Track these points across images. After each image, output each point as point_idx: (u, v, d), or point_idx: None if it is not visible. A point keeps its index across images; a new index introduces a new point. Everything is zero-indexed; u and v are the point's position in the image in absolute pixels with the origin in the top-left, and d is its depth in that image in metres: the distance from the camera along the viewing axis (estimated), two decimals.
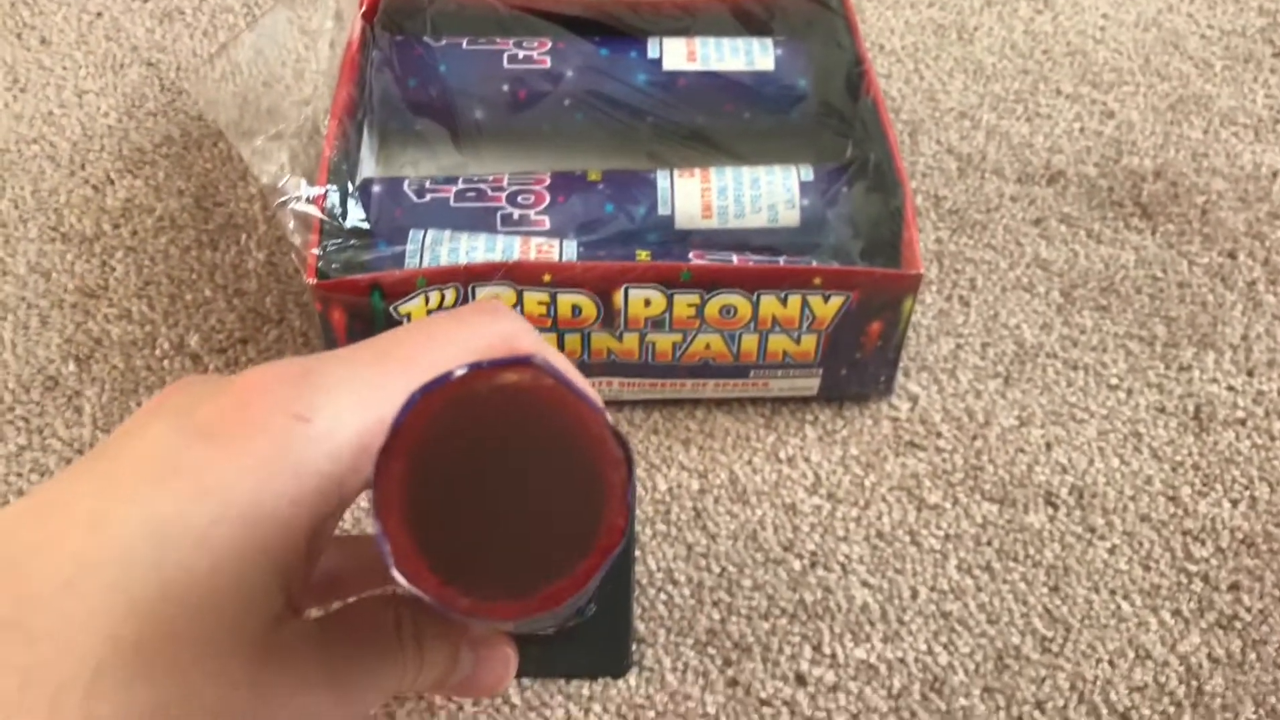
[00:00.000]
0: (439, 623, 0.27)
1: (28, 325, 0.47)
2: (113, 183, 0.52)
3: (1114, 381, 0.47)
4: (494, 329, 0.25)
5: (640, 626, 0.39)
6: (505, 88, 0.50)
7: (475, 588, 0.17)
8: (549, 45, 0.51)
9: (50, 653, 0.19)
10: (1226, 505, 0.44)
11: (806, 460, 0.44)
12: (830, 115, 0.49)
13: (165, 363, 0.46)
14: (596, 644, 0.37)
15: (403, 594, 0.19)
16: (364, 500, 0.34)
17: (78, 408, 0.44)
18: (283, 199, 0.40)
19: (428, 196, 0.45)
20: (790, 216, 0.45)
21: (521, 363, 0.17)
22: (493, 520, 0.18)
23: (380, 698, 0.25)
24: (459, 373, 0.17)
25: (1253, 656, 0.40)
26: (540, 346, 0.26)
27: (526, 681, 0.38)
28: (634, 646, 0.38)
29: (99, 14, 0.60)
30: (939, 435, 0.45)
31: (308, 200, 0.40)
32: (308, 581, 0.23)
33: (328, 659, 0.23)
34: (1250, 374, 0.48)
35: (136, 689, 0.19)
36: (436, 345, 0.24)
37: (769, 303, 0.41)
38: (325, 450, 0.22)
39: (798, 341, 0.43)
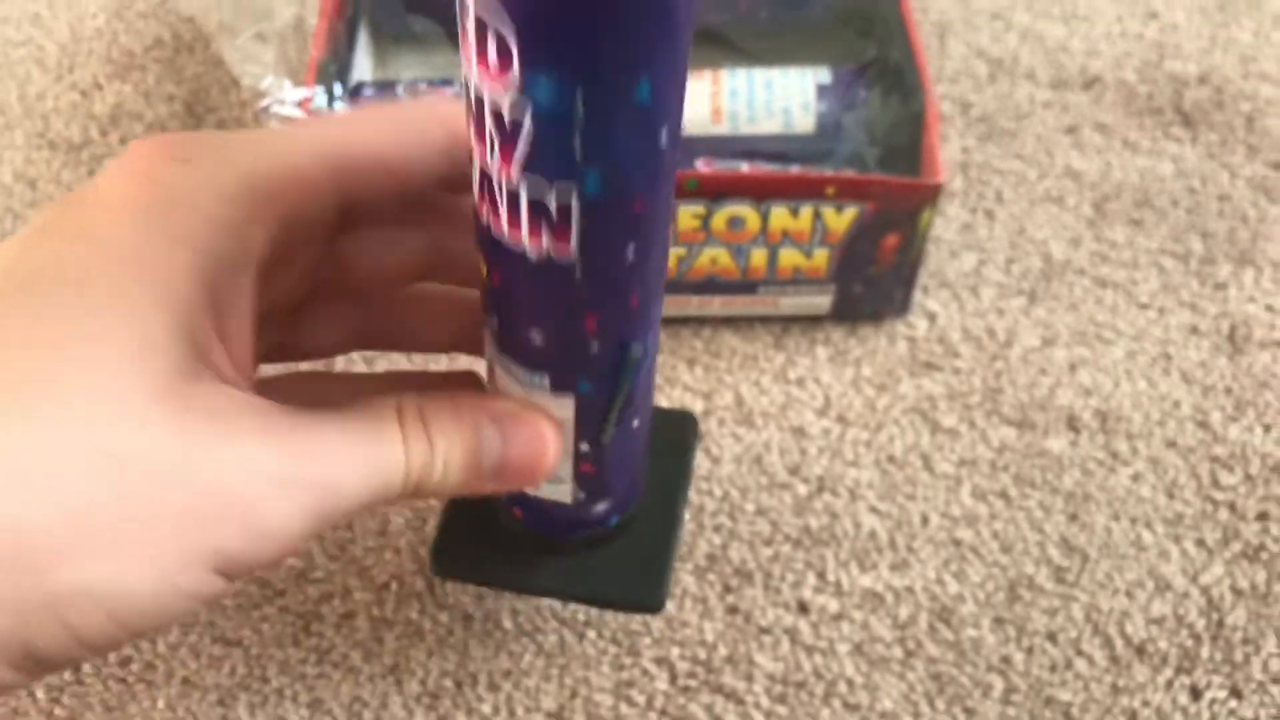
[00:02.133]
0: (450, 406, 0.24)
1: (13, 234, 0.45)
2: (101, 88, 0.50)
3: (1145, 300, 0.45)
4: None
5: None
6: None
7: None
8: None
9: None
10: (1259, 431, 0.42)
11: (816, 381, 0.42)
12: (851, 12, 0.46)
13: None
14: (633, 567, 0.31)
15: None
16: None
17: None
18: (266, 102, 0.38)
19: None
20: (805, 122, 0.42)
21: None
22: None
23: (366, 490, 0.22)
24: None
25: (1278, 588, 0.38)
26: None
27: (520, 606, 0.37)
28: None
29: None
30: (957, 355, 0.43)
31: (293, 103, 0.38)
32: (237, 341, 0.21)
33: (278, 422, 0.21)
34: None
35: (12, 429, 0.18)
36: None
37: (779, 214, 0.39)
38: (211, 190, 0.21)
39: (809, 256, 0.40)
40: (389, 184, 0.24)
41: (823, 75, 0.43)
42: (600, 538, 0.31)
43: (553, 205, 0.20)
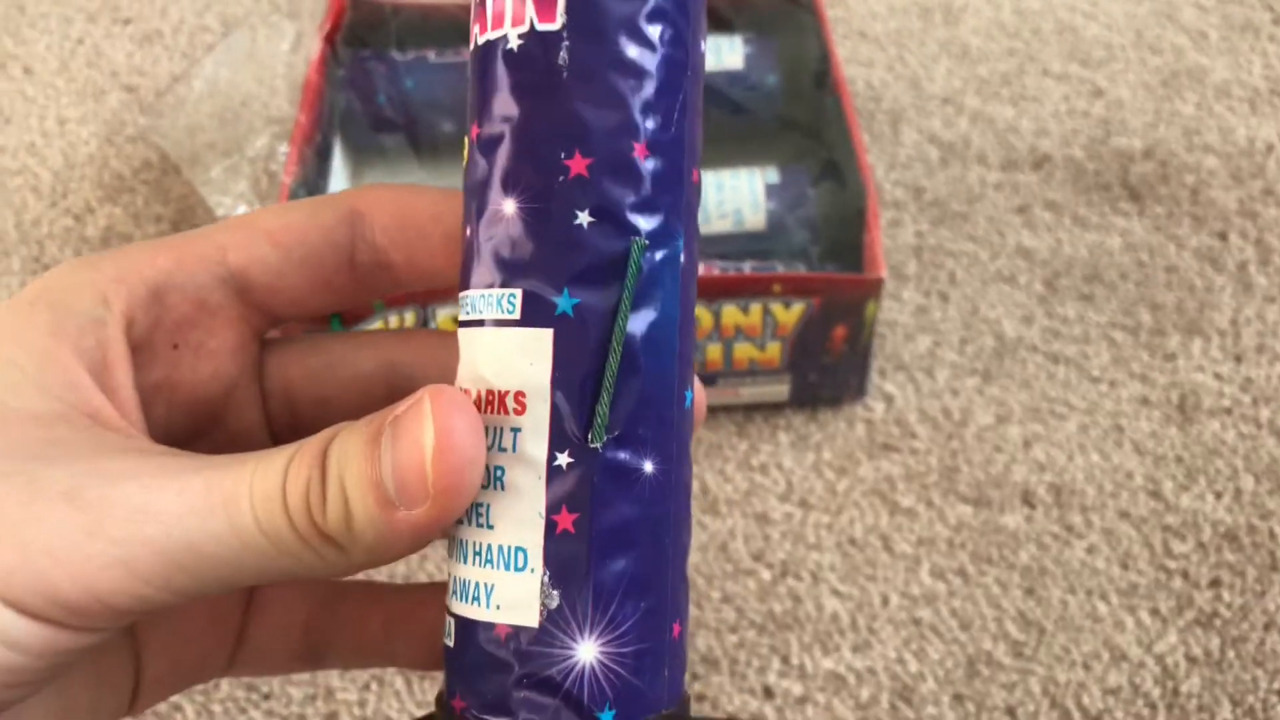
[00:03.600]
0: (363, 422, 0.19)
1: None
2: (93, 211, 0.53)
3: (1096, 374, 0.47)
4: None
5: None
6: None
7: None
8: None
9: None
10: (1210, 498, 0.43)
11: (779, 467, 0.44)
12: (799, 113, 0.48)
13: None
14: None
15: None
16: None
17: None
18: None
19: None
20: (756, 220, 0.45)
21: None
22: None
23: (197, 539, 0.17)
24: None
25: (1231, 654, 0.39)
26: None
27: None
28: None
29: (80, 40, 0.60)
30: (914, 436, 0.45)
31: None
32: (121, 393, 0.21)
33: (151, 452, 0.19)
34: (1238, 360, 0.47)
35: None
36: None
37: (730, 311, 0.41)
38: (80, 275, 0.21)
39: (762, 349, 0.42)
40: (273, 251, 0.22)
41: (771, 175, 0.45)
42: None
43: None
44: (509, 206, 0.18)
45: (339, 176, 0.48)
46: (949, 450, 0.44)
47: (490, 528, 0.18)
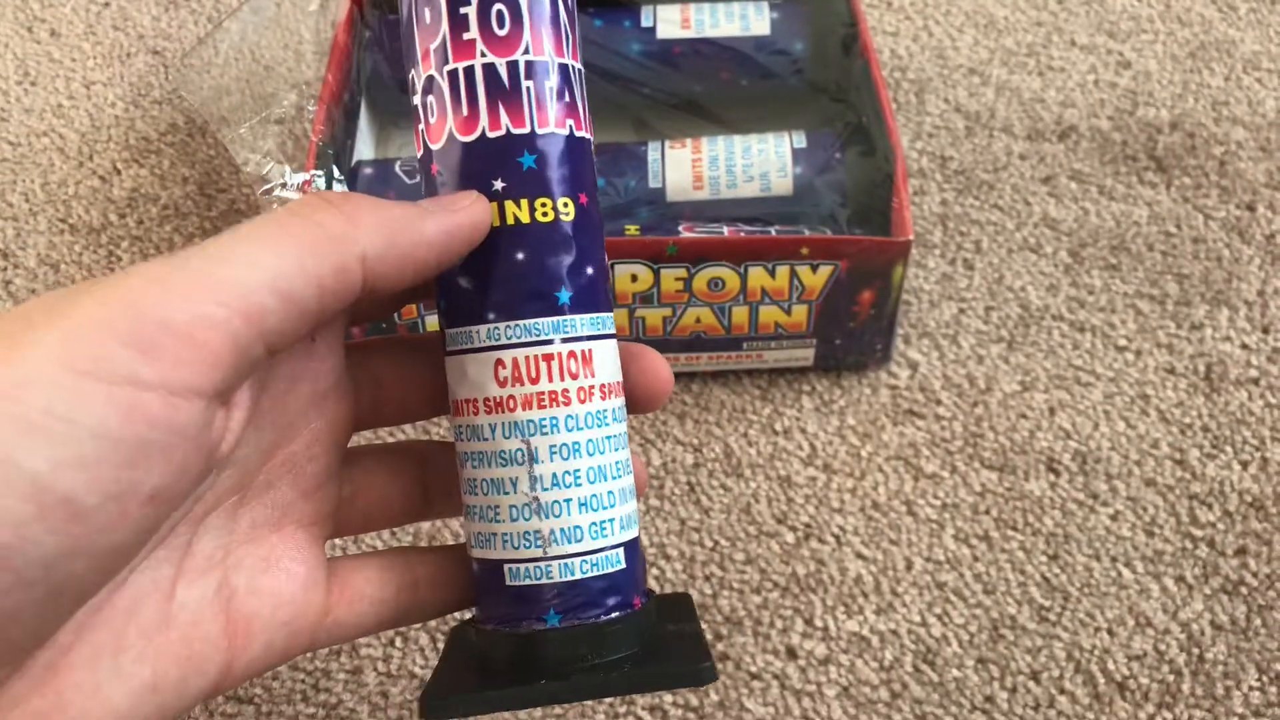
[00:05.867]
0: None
1: None
2: (119, 172, 0.53)
3: (1122, 343, 0.46)
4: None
5: None
6: None
7: None
8: None
9: None
10: (1236, 467, 0.43)
11: (803, 431, 0.44)
12: (826, 80, 0.48)
13: None
14: (679, 654, 0.25)
15: None
16: None
17: None
18: (267, 186, 0.40)
19: (418, 178, 0.45)
20: (783, 184, 0.44)
21: None
22: None
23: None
24: None
25: (1258, 622, 0.39)
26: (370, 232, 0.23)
27: None
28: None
29: (106, 4, 0.60)
30: (938, 403, 0.45)
31: (293, 187, 0.41)
32: None
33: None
34: (1265, 330, 0.47)
35: None
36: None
37: (757, 274, 0.41)
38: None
39: (789, 312, 0.42)
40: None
41: (799, 139, 0.45)
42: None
43: None
44: None
45: (365, 137, 0.48)
46: (973, 417, 0.44)
47: None
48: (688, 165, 0.44)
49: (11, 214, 0.51)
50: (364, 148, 0.48)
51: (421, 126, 0.25)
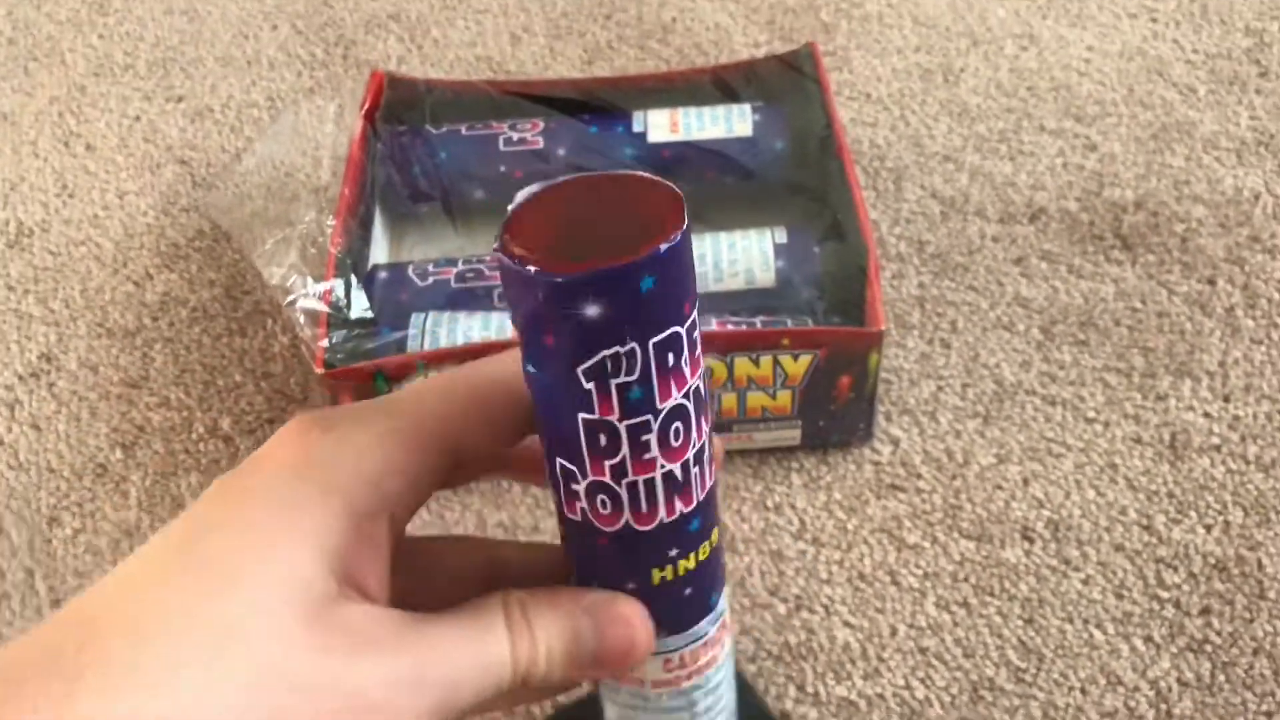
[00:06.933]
0: (549, 599, 0.26)
1: (79, 417, 0.51)
2: (151, 278, 0.57)
3: (1091, 415, 0.49)
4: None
5: None
6: (503, 168, 0.54)
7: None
8: (541, 126, 0.54)
9: None
10: (1200, 531, 0.45)
11: (792, 507, 0.47)
12: (805, 177, 0.52)
13: (201, 445, 0.50)
14: None
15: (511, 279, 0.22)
16: None
17: (124, 492, 0.49)
18: (291, 297, 0.44)
19: (430, 279, 0.49)
20: (766, 278, 0.48)
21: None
22: (586, 246, 0.22)
23: (481, 685, 0.25)
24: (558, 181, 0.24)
25: (1222, 678, 0.41)
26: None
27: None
28: None
29: (137, 118, 0.65)
30: (919, 477, 0.48)
31: (315, 296, 0.44)
32: (375, 566, 0.25)
33: (406, 632, 0.24)
34: (1226, 400, 0.50)
35: (182, 643, 0.22)
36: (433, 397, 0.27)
37: (743, 364, 0.44)
38: (352, 450, 0.25)
39: (774, 397, 0.45)
40: (484, 437, 0.27)
41: (780, 235, 0.48)
42: None
43: None
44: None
45: (380, 244, 0.52)
46: (952, 489, 0.47)
47: None
48: None
49: (54, 319, 0.55)
50: (379, 252, 0.52)
51: (585, 508, 0.26)
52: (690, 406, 0.24)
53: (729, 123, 0.54)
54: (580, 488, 0.25)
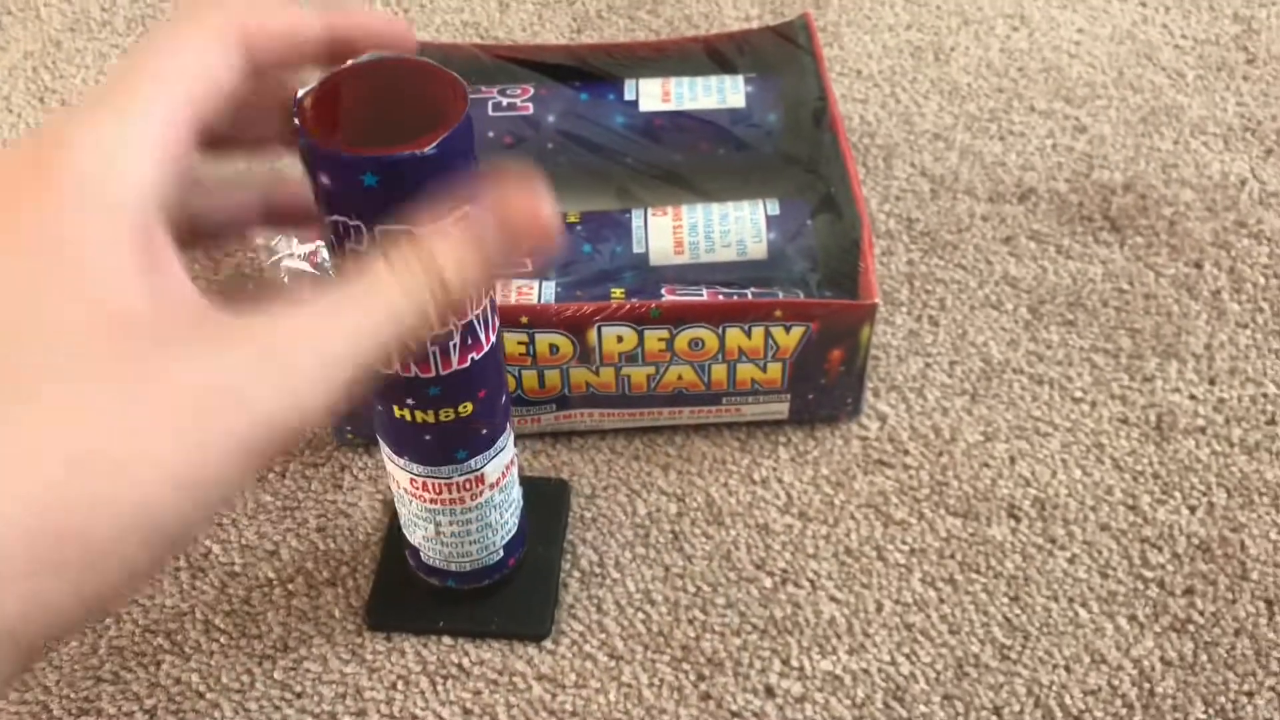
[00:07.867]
0: (415, 232, 0.24)
1: None
2: None
3: (1078, 395, 0.49)
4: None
5: (619, 643, 0.42)
6: (491, 133, 0.53)
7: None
8: (531, 92, 0.53)
9: None
10: (1184, 512, 0.46)
11: (779, 481, 0.47)
12: (799, 148, 0.51)
13: None
14: (523, 606, 0.42)
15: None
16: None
17: None
18: (276, 257, 0.43)
19: None
20: (758, 249, 0.47)
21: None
22: (377, 130, 0.27)
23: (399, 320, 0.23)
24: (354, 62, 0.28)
25: (1204, 658, 0.41)
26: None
27: (512, 700, 0.41)
28: (556, 616, 0.43)
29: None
30: (906, 453, 0.47)
31: (300, 257, 0.43)
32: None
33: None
34: (1212, 382, 0.50)
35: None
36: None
37: (734, 335, 0.44)
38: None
39: (764, 370, 0.45)
40: (278, 44, 0.25)
41: (772, 207, 0.48)
42: (494, 585, 0.42)
43: None
44: None
45: None
46: (939, 466, 0.47)
47: None
48: (669, 232, 0.47)
49: None
50: None
51: None
52: None
53: (722, 93, 0.53)
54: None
